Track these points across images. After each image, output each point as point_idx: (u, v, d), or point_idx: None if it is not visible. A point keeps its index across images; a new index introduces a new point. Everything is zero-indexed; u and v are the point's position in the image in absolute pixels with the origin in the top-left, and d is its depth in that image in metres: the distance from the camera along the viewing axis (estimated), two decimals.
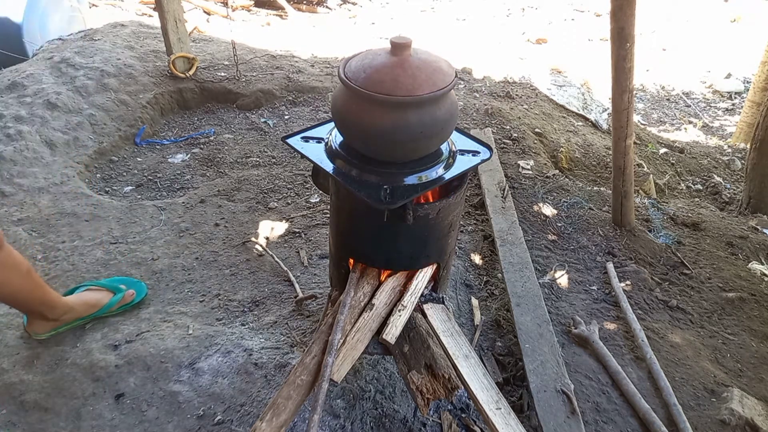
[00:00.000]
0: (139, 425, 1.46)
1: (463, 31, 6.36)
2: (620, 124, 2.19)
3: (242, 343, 1.69)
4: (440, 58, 1.25)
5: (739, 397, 1.64)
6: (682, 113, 5.30)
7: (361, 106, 1.15)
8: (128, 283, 1.89)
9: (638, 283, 2.12)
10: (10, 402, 1.50)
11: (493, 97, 3.76)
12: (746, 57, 6.20)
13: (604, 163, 3.38)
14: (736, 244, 2.46)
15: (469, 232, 2.38)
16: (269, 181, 2.69)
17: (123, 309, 1.83)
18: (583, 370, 1.71)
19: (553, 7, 7.93)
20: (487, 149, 1.38)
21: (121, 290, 1.83)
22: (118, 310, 1.82)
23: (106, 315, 1.79)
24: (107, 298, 1.79)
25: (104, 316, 1.78)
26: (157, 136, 3.18)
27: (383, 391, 1.60)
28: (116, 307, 1.81)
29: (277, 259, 2.12)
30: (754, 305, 2.08)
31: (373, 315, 1.37)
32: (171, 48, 3.38)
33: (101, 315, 1.77)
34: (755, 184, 3.00)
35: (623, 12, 1.99)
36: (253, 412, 1.50)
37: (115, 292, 1.81)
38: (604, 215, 2.49)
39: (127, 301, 1.84)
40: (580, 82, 4.51)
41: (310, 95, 3.60)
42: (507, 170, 2.76)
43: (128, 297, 1.84)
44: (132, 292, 1.85)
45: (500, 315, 1.94)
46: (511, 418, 1.24)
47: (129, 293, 1.84)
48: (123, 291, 1.83)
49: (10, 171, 2.42)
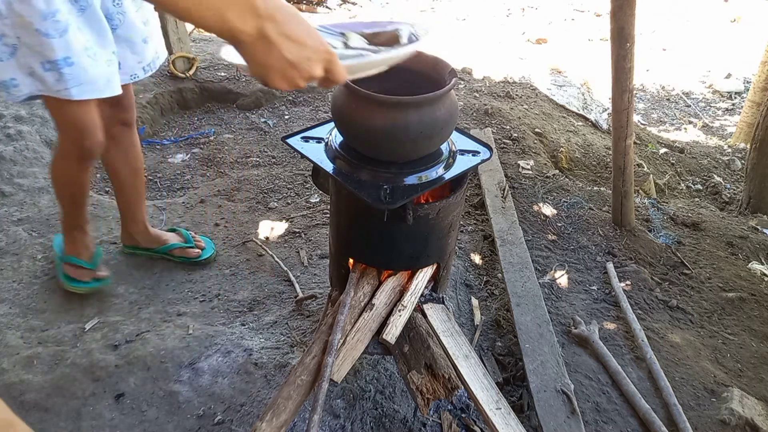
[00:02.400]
0: (139, 425, 1.46)
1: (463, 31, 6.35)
2: (620, 124, 2.19)
3: (242, 343, 1.69)
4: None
5: (739, 397, 1.64)
6: (682, 113, 5.30)
7: (361, 106, 1.15)
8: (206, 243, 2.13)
9: (638, 283, 2.12)
10: (10, 402, 1.48)
11: (493, 97, 3.76)
12: (746, 57, 6.20)
13: (604, 163, 3.38)
14: (736, 244, 2.46)
15: (469, 232, 2.38)
16: (269, 181, 2.69)
17: (184, 260, 2.06)
18: (583, 370, 1.71)
19: (553, 7, 7.92)
20: (487, 149, 1.38)
21: (190, 241, 2.07)
22: (179, 259, 2.05)
23: (166, 255, 2.05)
24: (175, 239, 2.06)
25: (165, 256, 2.05)
26: (157, 136, 3.17)
27: (383, 391, 1.59)
28: (177, 253, 2.04)
29: (277, 259, 2.12)
30: (754, 305, 2.08)
31: (373, 315, 1.37)
32: (171, 48, 3.38)
33: (162, 252, 2.04)
34: (755, 184, 3.00)
35: (623, 12, 1.99)
36: (253, 412, 1.50)
37: (186, 239, 2.07)
38: (604, 215, 2.49)
39: (191, 255, 2.05)
40: (580, 82, 4.51)
41: (310, 95, 3.60)
42: (507, 170, 2.76)
43: (191, 252, 2.05)
44: (197, 251, 2.06)
45: (500, 315, 1.94)
46: (511, 418, 1.24)
47: (194, 251, 2.06)
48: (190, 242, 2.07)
49: (10, 171, 2.42)
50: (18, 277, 1.95)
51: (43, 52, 1.34)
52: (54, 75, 1.38)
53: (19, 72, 1.38)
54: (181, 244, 2.05)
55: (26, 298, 1.87)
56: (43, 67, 1.36)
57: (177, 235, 2.10)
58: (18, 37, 1.33)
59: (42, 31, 1.32)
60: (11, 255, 2.03)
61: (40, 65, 1.36)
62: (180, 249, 2.05)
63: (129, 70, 1.63)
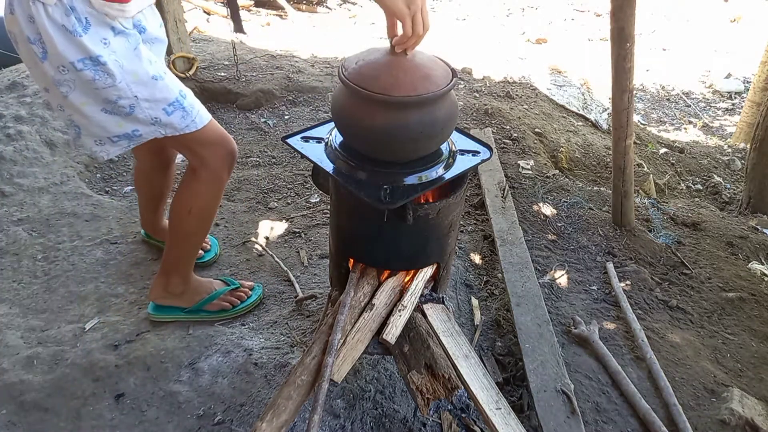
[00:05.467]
0: (139, 425, 1.46)
1: (463, 31, 6.35)
2: (620, 124, 2.19)
3: (242, 343, 1.69)
4: (440, 58, 1.25)
5: (739, 397, 1.64)
6: (682, 113, 5.30)
7: (361, 106, 1.15)
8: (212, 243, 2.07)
9: (638, 283, 2.12)
10: (10, 402, 1.50)
11: (493, 97, 3.76)
12: (746, 57, 6.20)
13: (604, 163, 3.38)
14: (736, 244, 2.45)
15: (469, 232, 2.38)
16: (269, 181, 2.69)
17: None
18: (583, 370, 1.71)
19: (553, 7, 7.92)
20: (487, 149, 1.38)
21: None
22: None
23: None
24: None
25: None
26: None
27: (383, 391, 1.59)
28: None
29: (277, 259, 2.12)
30: (754, 305, 2.08)
31: (373, 315, 1.37)
32: (171, 48, 3.38)
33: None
34: (755, 184, 3.00)
35: (623, 12, 1.99)
36: (253, 412, 1.50)
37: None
38: (604, 215, 2.49)
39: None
40: (580, 82, 4.51)
41: (310, 95, 3.60)
42: (507, 170, 2.76)
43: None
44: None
45: (500, 315, 1.94)
46: (511, 418, 1.24)
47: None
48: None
49: (10, 171, 2.42)
50: (18, 277, 1.95)
51: (165, 97, 1.35)
52: (179, 114, 1.38)
53: (141, 124, 1.37)
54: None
55: (26, 298, 1.87)
56: (167, 112, 1.36)
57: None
58: (135, 96, 1.31)
59: (157, 77, 1.33)
60: (11, 255, 2.03)
61: (164, 111, 1.36)
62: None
63: None
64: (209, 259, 2.08)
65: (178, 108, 1.38)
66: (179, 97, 1.38)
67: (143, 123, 1.37)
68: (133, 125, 1.37)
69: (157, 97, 1.34)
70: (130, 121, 1.36)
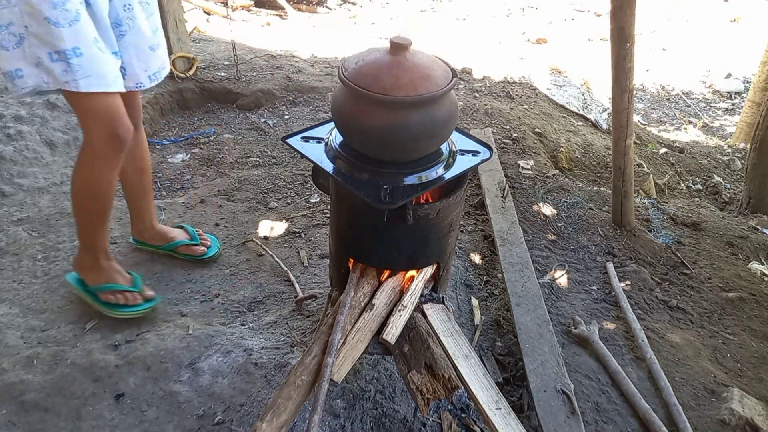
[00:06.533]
0: (139, 425, 1.46)
1: (463, 31, 6.35)
2: (620, 124, 2.19)
3: (242, 343, 1.69)
4: (440, 58, 1.25)
5: (739, 397, 1.64)
6: (682, 113, 5.30)
7: (361, 106, 1.15)
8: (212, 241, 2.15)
9: (638, 283, 2.12)
10: (10, 402, 1.50)
11: (493, 97, 3.76)
12: (746, 57, 6.20)
13: (604, 163, 3.38)
14: (736, 244, 2.46)
15: (469, 232, 2.38)
16: (269, 181, 2.69)
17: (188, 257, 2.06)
18: (583, 370, 1.71)
19: (553, 7, 7.92)
20: (487, 149, 1.38)
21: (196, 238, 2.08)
22: (184, 256, 2.06)
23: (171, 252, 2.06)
24: (182, 236, 2.06)
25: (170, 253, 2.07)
26: (156, 136, 3.17)
27: (383, 391, 1.59)
28: (182, 251, 2.06)
29: (277, 259, 2.12)
30: (754, 305, 2.08)
31: (373, 315, 1.37)
32: (171, 48, 3.37)
33: (168, 249, 2.06)
34: (755, 184, 3.00)
35: (623, 12, 1.99)
36: (253, 412, 1.50)
37: (192, 236, 2.07)
38: (604, 215, 2.49)
39: (196, 252, 2.06)
40: (580, 82, 4.51)
41: (310, 95, 3.60)
42: (507, 170, 2.76)
43: (197, 250, 2.06)
44: (203, 249, 2.07)
45: (500, 315, 1.94)
46: (511, 418, 1.24)
47: (199, 249, 2.06)
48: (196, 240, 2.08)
49: (10, 171, 2.42)
50: (18, 277, 1.95)
51: (52, 42, 1.30)
52: (62, 66, 1.33)
53: (25, 62, 1.33)
54: (186, 242, 2.06)
55: (26, 298, 1.87)
56: (51, 58, 1.32)
57: (183, 232, 2.10)
58: (26, 26, 1.28)
59: (51, 20, 1.28)
60: (11, 255, 2.03)
61: (48, 56, 1.32)
62: (185, 246, 2.06)
63: (134, 78, 1.61)
64: (210, 256, 2.08)
65: (63, 60, 1.32)
66: (70, 51, 1.32)
67: (28, 61, 1.32)
68: (17, 62, 1.32)
69: (45, 38, 1.30)
70: (15, 57, 1.32)
